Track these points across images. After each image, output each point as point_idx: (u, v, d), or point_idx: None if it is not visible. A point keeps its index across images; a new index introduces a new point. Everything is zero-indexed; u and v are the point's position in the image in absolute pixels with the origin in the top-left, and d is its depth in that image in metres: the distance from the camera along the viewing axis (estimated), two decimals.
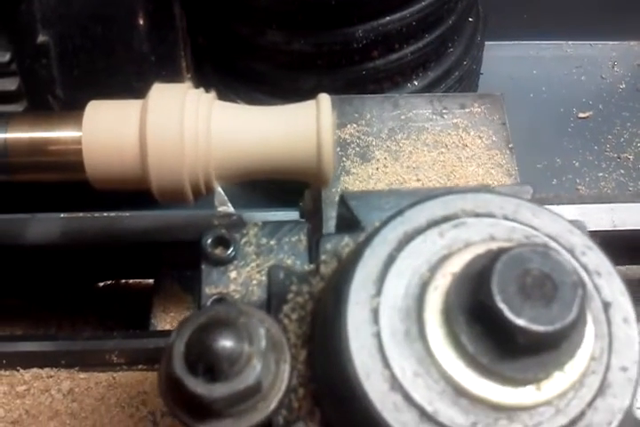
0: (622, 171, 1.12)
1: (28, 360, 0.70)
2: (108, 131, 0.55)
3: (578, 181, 1.11)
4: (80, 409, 0.67)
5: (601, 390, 0.33)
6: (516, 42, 1.24)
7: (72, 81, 0.82)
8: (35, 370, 0.69)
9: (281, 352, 0.36)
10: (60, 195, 0.75)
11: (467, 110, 0.66)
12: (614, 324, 0.35)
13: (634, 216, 0.82)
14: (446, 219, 0.36)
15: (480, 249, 0.34)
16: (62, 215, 0.78)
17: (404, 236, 0.36)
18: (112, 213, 0.78)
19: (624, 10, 1.20)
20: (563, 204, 0.84)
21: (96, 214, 0.78)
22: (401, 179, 0.62)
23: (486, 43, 1.00)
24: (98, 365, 0.69)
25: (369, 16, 0.77)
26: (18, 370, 0.69)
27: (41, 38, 0.80)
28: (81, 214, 0.78)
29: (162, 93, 0.56)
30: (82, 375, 0.69)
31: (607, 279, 0.36)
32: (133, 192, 0.59)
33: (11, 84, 0.81)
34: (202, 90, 0.58)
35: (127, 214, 0.78)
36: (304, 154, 0.56)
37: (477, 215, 0.37)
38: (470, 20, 0.92)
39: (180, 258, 0.80)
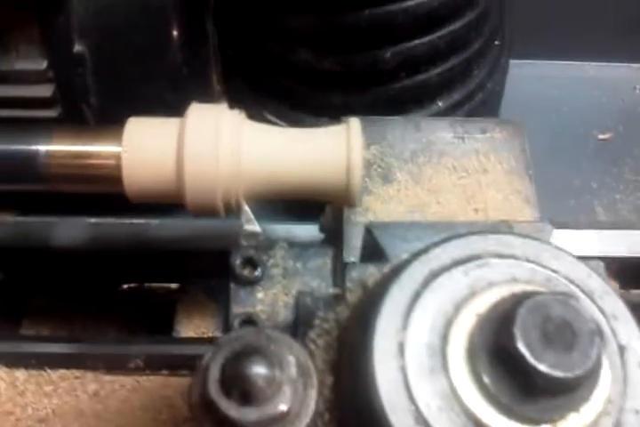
0: None
1: (55, 361, 0.72)
2: (146, 147, 0.58)
3: (595, 202, 1.12)
4: (104, 411, 0.70)
5: None
6: (538, 62, 1.25)
7: (106, 90, 0.84)
8: (62, 371, 0.72)
9: (308, 378, 0.38)
10: (86, 200, 0.77)
11: (488, 135, 0.67)
12: (629, 368, 0.37)
13: None
14: (470, 258, 0.38)
15: (503, 290, 0.36)
16: (92, 220, 0.81)
17: (430, 273, 0.37)
18: (141, 220, 0.80)
19: None
20: (581, 228, 0.86)
21: (125, 221, 0.81)
22: (421, 201, 0.63)
23: None
24: (122, 368, 0.72)
25: (398, 39, 0.79)
26: (46, 370, 0.72)
27: (77, 48, 0.82)
28: (110, 220, 0.81)
29: (199, 114, 0.58)
30: (107, 378, 0.71)
31: (623, 323, 0.38)
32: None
33: (46, 91, 0.83)
34: (237, 111, 0.61)
35: (155, 222, 0.81)
36: (334, 177, 0.58)
37: (500, 256, 0.39)
38: (497, 43, 0.94)
39: (205, 267, 0.82)
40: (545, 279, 0.38)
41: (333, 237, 0.63)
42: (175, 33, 0.84)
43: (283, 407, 0.36)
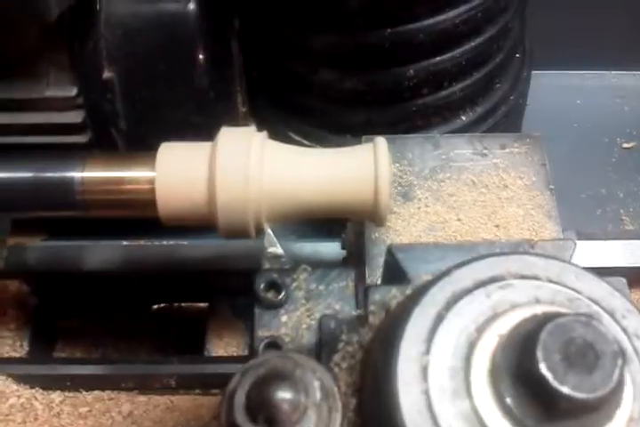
0: None
1: (90, 383, 0.73)
2: (179, 172, 0.59)
3: (622, 211, 1.11)
4: None
5: None
6: (560, 71, 1.25)
7: (135, 115, 0.85)
8: (97, 392, 0.73)
9: (333, 401, 0.38)
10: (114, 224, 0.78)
11: (507, 151, 0.67)
12: None
13: None
14: (492, 280, 0.38)
15: (526, 312, 0.36)
16: (124, 243, 0.83)
17: (452, 296, 0.38)
18: (171, 242, 0.82)
19: None
20: (609, 239, 0.86)
21: (156, 243, 0.82)
22: (442, 218, 0.63)
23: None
24: (156, 388, 0.73)
25: (420, 57, 0.79)
26: (81, 392, 0.73)
27: (106, 74, 0.84)
28: (142, 242, 0.83)
29: (229, 137, 0.59)
30: (141, 398, 0.73)
31: None
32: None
33: (76, 117, 0.85)
34: (265, 134, 0.62)
35: (185, 243, 0.82)
36: (362, 197, 0.58)
37: (523, 277, 0.38)
38: (518, 55, 0.94)
39: (233, 286, 0.83)
40: (567, 300, 0.38)
41: (356, 255, 0.64)
42: (201, 57, 0.86)
43: None
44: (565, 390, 0.32)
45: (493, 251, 0.43)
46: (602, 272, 0.87)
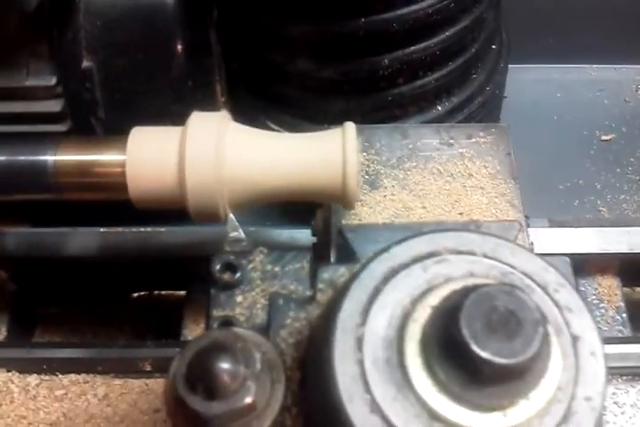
0: None
1: (66, 366, 0.74)
2: (150, 155, 0.60)
3: (599, 202, 1.13)
4: (114, 414, 0.72)
5: (565, 418, 0.36)
6: (540, 65, 1.27)
7: (114, 104, 0.86)
8: (72, 376, 0.74)
9: (276, 373, 0.40)
10: (96, 210, 0.79)
11: (473, 140, 0.69)
12: (581, 357, 0.37)
13: None
14: (430, 255, 0.39)
15: (458, 285, 0.37)
16: (102, 230, 0.84)
17: (390, 270, 0.39)
18: (148, 229, 0.83)
19: None
20: (582, 226, 0.87)
21: (133, 229, 0.83)
22: (407, 206, 0.64)
23: (510, 66, 1.02)
24: (131, 372, 0.74)
25: (395, 46, 0.81)
26: (57, 375, 0.74)
27: (85, 64, 0.85)
28: (119, 229, 0.83)
29: (199, 122, 0.60)
30: (116, 381, 0.73)
31: (577, 315, 0.39)
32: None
33: (56, 106, 0.86)
34: (231, 119, 0.62)
35: (162, 230, 0.83)
36: (330, 179, 0.59)
37: (459, 253, 0.40)
38: (494, 47, 0.95)
39: (210, 272, 0.84)
40: (501, 274, 0.39)
41: (323, 242, 0.65)
42: (179, 47, 0.87)
43: (247, 401, 0.37)
44: (486, 355, 0.33)
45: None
46: (573, 259, 0.88)
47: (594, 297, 0.87)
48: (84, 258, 0.84)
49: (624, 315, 0.86)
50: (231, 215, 0.58)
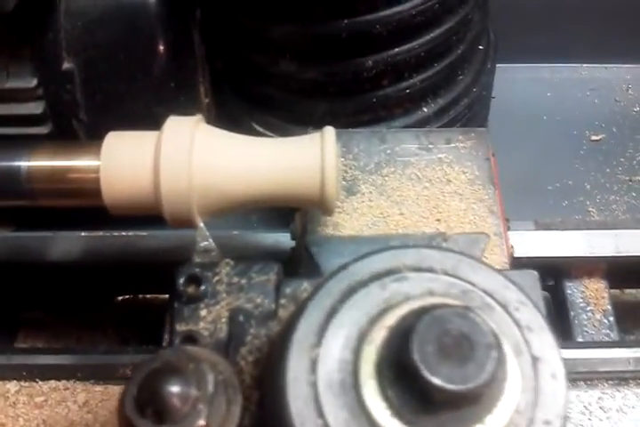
0: (634, 194, 1.13)
1: (46, 372, 0.73)
2: (124, 161, 0.59)
3: (589, 203, 1.12)
4: (94, 420, 0.71)
5: None
6: (530, 64, 1.26)
7: (95, 106, 0.85)
8: (52, 382, 0.73)
9: (233, 394, 0.38)
10: (81, 214, 0.78)
11: (452, 145, 0.68)
12: (542, 378, 0.36)
13: (637, 242, 0.84)
14: (389, 273, 0.38)
15: (417, 304, 0.36)
16: (83, 234, 0.83)
17: (348, 288, 0.38)
18: (130, 233, 0.82)
19: (639, 33, 1.21)
20: (568, 229, 0.86)
21: (115, 233, 0.83)
22: (385, 213, 0.63)
23: (500, 65, 1.01)
24: (112, 378, 0.73)
25: (378, 48, 0.79)
26: (37, 382, 0.73)
27: (66, 65, 0.84)
28: (100, 233, 0.83)
29: (175, 127, 0.59)
30: (97, 388, 0.73)
31: (538, 334, 0.37)
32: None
33: (37, 108, 0.85)
34: (204, 123, 0.61)
35: (144, 234, 0.82)
36: (309, 184, 0.58)
37: (418, 270, 0.39)
38: (481, 47, 0.94)
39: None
40: (461, 292, 0.38)
41: (301, 247, 0.64)
42: (161, 47, 0.85)
43: (199, 425, 0.36)
44: (437, 381, 0.32)
45: (406, 244, 0.43)
46: (560, 262, 0.87)
47: (580, 300, 0.86)
48: (67, 262, 0.84)
49: (611, 318, 0.85)
50: (201, 224, 0.56)
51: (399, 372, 0.34)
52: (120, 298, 0.96)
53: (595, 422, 0.70)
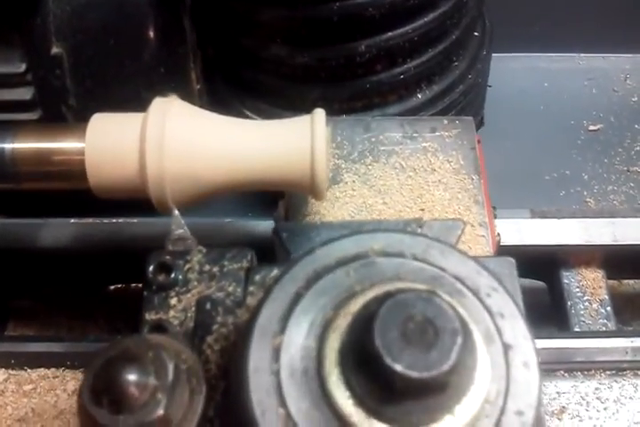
0: (632, 184, 1.12)
1: (35, 360, 0.73)
2: (110, 142, 0.58)
3: (586, 193, 1.11)
4: None
5: None
6: (528, 54, 1.24)
7: (84, 91, 0.84)
8: (41, 370, 0.72)
9: (196, 383, 0.37)
10: (71, 201, 0.77)
11: (437, 134, 0.66)
12: (513, 367, 0.35)
13: (635, 231, 0.83)
14: (356, 258, 0.37)
15: (382, 290, 0.35)
16: (72, 221, 0.82)
17: (313, 274, 0.36)
18: (120, 220, 0.81)
19: (637, 23, 1.20)
20: (564, 217, 0.85)
21: (105, 220, 0.81)
22: (368, 202, 0.62)
23: (497, 55, 1.00)
24: None
25: (371, 32, 0.78)
26: (25, 370, 0.72)
27: (55, 50, 0.83)
28: (90, 220, 0.81)
29: (160, 108, 0.58)
30: None
31: (510, 322, 0.36)
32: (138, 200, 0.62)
33: (26, 94, 0.84)
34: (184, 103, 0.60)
35: (135, 221, 0.81)
36: (298, 167, 0.57)
37: (387, 255, 0.37)
38: (476, 34, 0.93)
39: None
40: (431, 278, 0.37)
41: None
42: (151, 33, 0.84)
43: (157, 414, 0.35)
44: (399, 368, 0.31)
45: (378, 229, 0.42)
46: (556, 250, 0.86)
47: (577, 290, 0.85)
48: (57, 249, 0.83)
49: (608, 308, 0.84)
50: (176, 211, 0.54)
51: (362, 359, 0.32)
52: (112, 287, 0.95)
53: (592, 412, 0.69)
